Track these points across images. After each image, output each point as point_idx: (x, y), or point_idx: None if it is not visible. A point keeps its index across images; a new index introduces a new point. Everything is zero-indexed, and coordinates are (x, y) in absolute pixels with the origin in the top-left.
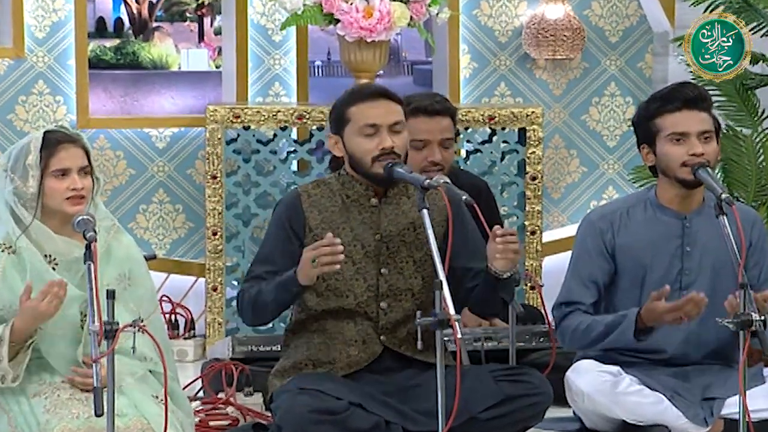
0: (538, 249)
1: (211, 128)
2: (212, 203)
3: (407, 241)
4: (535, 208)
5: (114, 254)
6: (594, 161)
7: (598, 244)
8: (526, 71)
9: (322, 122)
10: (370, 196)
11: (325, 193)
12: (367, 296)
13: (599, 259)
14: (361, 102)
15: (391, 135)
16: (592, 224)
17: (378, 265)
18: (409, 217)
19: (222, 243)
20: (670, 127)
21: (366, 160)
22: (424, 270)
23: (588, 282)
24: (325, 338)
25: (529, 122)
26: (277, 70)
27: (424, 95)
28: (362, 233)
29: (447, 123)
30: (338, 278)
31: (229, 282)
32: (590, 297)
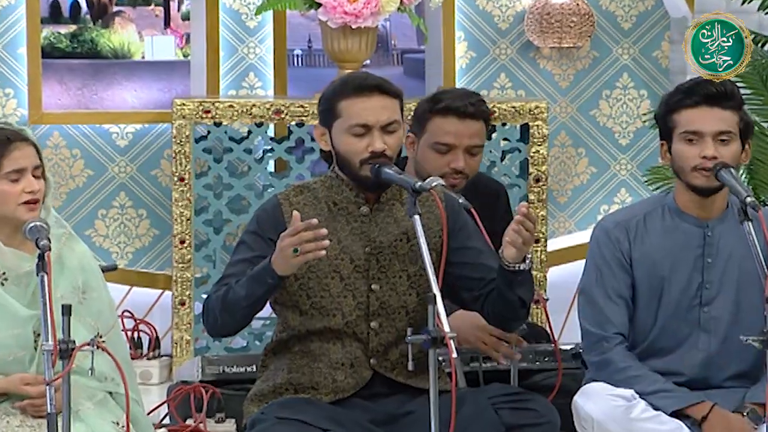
0: (542, 259)
1: (178, 124)
2: (180, 208)
3: (400, 254)
4: (538, 213)
5: (66, 264)
6: (604, 161)
7: (616, 255)
8: (529, 61)
9: (302, 117)
10: (360, 203)
11: (308, 200)
12: (356, 315)
13: (620, 272)
14: (354, 96)
15: (383, 135)
16: (607, 233)
17: (368, 280)
18: (401, 226)
19: (190, 252)
20: (685, 124)
21: (354, 161)
22: (419, 285)
23: (615, 297)
24: (308, 360)
25: (532, 118)
26: (252, 60)
27: (458, 93)
28: (350, 245)
29: (478, 128)
30: (324, 295)
31: (199, 296)
32: (621, 314)
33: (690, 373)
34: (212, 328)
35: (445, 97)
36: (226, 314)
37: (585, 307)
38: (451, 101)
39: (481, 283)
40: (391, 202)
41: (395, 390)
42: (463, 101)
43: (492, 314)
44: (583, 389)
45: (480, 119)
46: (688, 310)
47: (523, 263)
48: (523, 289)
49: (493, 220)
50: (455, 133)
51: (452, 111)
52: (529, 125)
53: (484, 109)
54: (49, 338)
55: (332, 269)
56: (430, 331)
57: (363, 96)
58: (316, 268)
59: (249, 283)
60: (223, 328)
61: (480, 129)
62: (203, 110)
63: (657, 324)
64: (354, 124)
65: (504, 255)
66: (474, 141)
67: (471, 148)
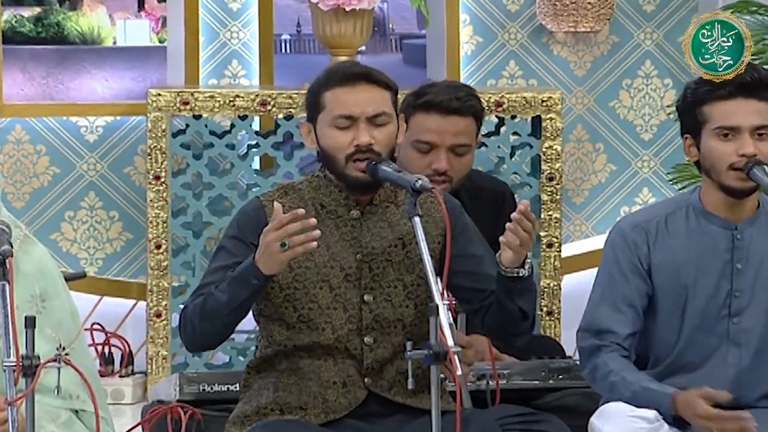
0: (556, 266)
1: (153, 117)
2: (155, 209)
3: (395, 261)
4: (552, 215)
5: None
6: (625, 157)
7: (632, 260)
8: (542, 47)
9: (290, 109)
10: (350, 206)
11: (294, 203)
12: (347, 329)
13: (635, 278)
14: (338, 86)
15: (370, 128)
16: (623, 236)
17: (360, 290)
18: (396, 230)
19: (167, 258)
20: (718, 119)
21: (339, 157)
22: (417, 296)
23: (623, 306)
24: (297, 378)
25: (545, 110)
26: (235, 46)
27: (443, 87)
28: (340, 252)
29: (464, 125)
30: (312, 307)
31: (176, 306)
32: (626, 325)
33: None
34: (190, 340)
35: (428, 91)
36: (205, 323)
37: (587, 315)
38: (433, 95)
39: (482, 294)
40: (384, 204)
41: (392, 410)
42: (447, 95)
43: (492, 328)
44: (601, 409)
45: (467, 115)
46: (716, 321)
47: (522, 268)
48: (524, 299)
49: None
50: (437, 131)
51: (435, 106)
52: (542, 118)
53: (472, 104)
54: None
55: (320, 279)
56: (432, 346)
57: (348, 85)
58: (303, 278)
59: (231, 286)
60: (202, 339)
61: (467, 126)
62: (181, 101)
63: (681, 337)
64: (337, 115)
65: (501, 259)
66: (459, 139)
67: (456, 148)
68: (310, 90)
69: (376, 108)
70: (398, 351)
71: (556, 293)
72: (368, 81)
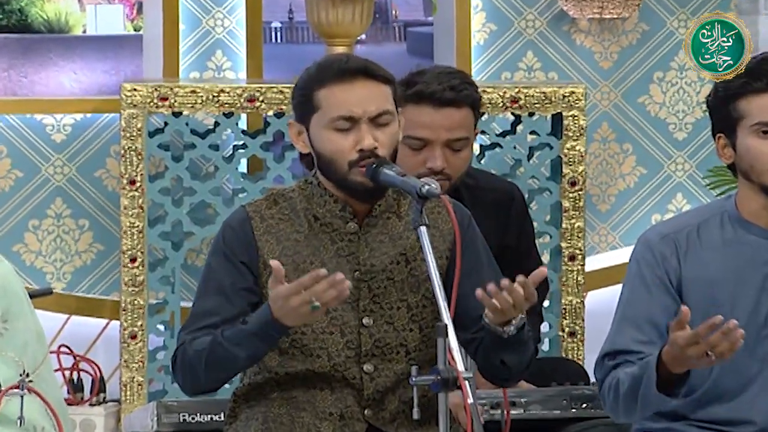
0: (578, 281)
1: (128, 114)
2: (130, 218)
3: (397, 279)
4: (574, 224)
5: None
6: (656, 160)
7: (658, 275)
8: (563, 36)
9: (281, 106)
10: (346, 217)
11: (284, 214)
12: (345, 356)
13: (660, 295)
14: (334, 82)
15: (373, 129)
16: (650, 247)
17: (358, 313)
18: (399, 245)
19: (143, 273)
20: (757, 114)
21: (340, 163)
22: (422, 318)
23: (644, 324)
24: (289, 409)
25: (566, 106)
26: (220, 35)
27: (435, 75)
28: (336, 270)
29: (460, 117)
30: (305, 331)
31: (153, 326)
32: (644, 345)
33: (763, 420)
34: (192, 388)
35: (418, 80)
36: (215, 374)
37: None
38: (424, 86)
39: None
40: (385, 215)
41: None
42: (439, 84)
43: (481, 368)
44: None
45: (463, 106)
46: (757, 342)
47: (508, 326)
48: (509, 354)
49: (504, 230)
50: (431, 125)
51: (426, 98)
52: (563, 115)
53: (467, 92)
54: None
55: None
56: (441, 371)
57: (345, 82)
58: None
59: (248, 341)
60: (208, 387)
61: (463, 118)
62: (159, 97)
63: None
64: (336, 116)
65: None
66: (455, 134)
67: (452, 143)
68: (300, 87)
69: (379, 106)
70: (401, 379)
71: (579, 312)
72: (367, 76)
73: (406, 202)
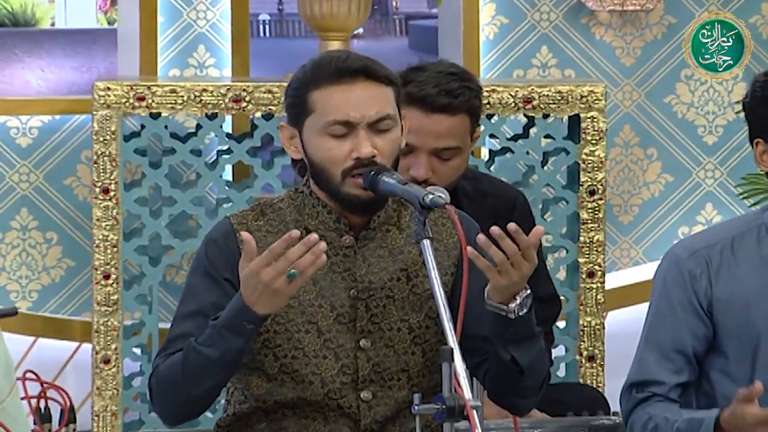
0: (598, 300)
1: (101, 116)
2: (103, 230)
3: (397, 298)
4: (594, 237)
5: None
6: (684, 166)
7: (687, 295)
8: (581, 30)
9: (270, 107)
10: (341, 230)
11: (273, 226)
12: (340, 382)
13: (688, 318)
14: (330, 83)
15: (372, 136)
16: (677, 264)
17: (355, 335)
18: (399, 260)
19: (118, 291)
20: None
21: (334, 172)
22: (425, 340)
23: (672, 352)
24: None
25: (585, 107)
26: (202, 29)
27: (433, 75)
28: (330, 287)
29: (450, 125)
30: (297, 355)
31: (129, 350)
32: (675, 375)
33: None
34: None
35: (414, 78)
36: (190, 387)
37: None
38: (418, 86)
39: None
40: (384, 227)
41: None
42: (435, 87)
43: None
44: None
45: (458, 113)
46: None
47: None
48: (520, 350)
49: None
50: (417, 131)
51: (417, 101)
52: (581, 117)
53: (464, 98)
54: None
55: (306, 320)
56: (446, 399)
57: (343, 83)
58: (285, 319)
59: (221, 337)
60: (187, 408)
61: (454, 126)
62: (135, 97)
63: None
64: (332, 120)
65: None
66: (443, 142)
67: (440, 152)
68: (293, 87)
69: (379, 111)
70: (402, 408)
71: (599, 334)
72: (367, 77)
73: (407, 213)
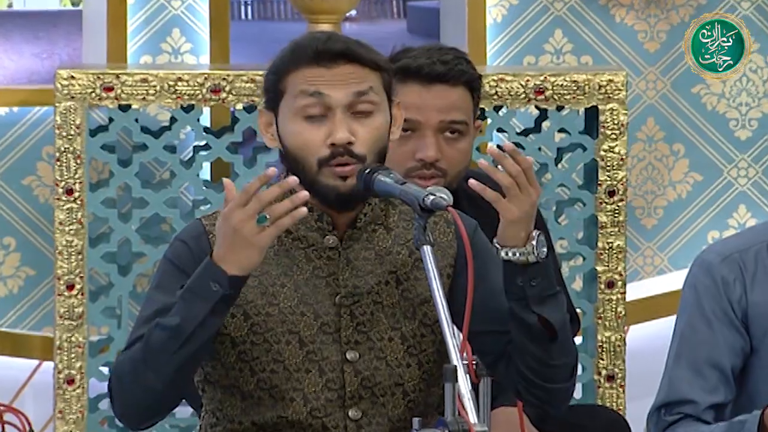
0: (618, 313)
1: (64, 108)
2: (66, 235)
3: (387, 304)
4: (613, 243)
5: None
6: (714, 163)
7: (720, 305)
8: (600, 12)
9: (253, 98)
10: (324, 230)
11: None
12: (325, 399)
13: (723, 330)
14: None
15: (350, 120)
16: (709, 271)
17: (341, 346)
18: (387, 262)
19: (83, 303)
20: None
21: (309, 161)
22: (421, 350)
23: (706, 368)
24: None
25: (603, 98)
26: (177, 10)
27: (423, 50)
28: (314, 294)
29: (456, 96)
30: (276, 369)
31: (95, 369)
32: (709, 394)
33: None
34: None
35: (403, 56)
36: (150, 371)
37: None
38: (411, 60)
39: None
40: (371, 227)
41: None
42: (428, 58)
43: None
44: None
45: (458, 84)
46: None
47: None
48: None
49: None
50: (419, 106)
51: (414, 74)
52: (599, 110)
53: (462, 68)
54: None
55: (287, 330)
56: (449, 423)
57: (321, 66)
58: (263, 328)
59: (182, 302)
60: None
61: (460, 98)
62: (102, 86)
63: None
64: (302, 94)
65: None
66: (450, 115)
67: (447, 126)
68: (271, 69)
69: (357, 91)
70: (397, 427)
71: (619, 351)
72: (349, 59)
73: (395, 212)
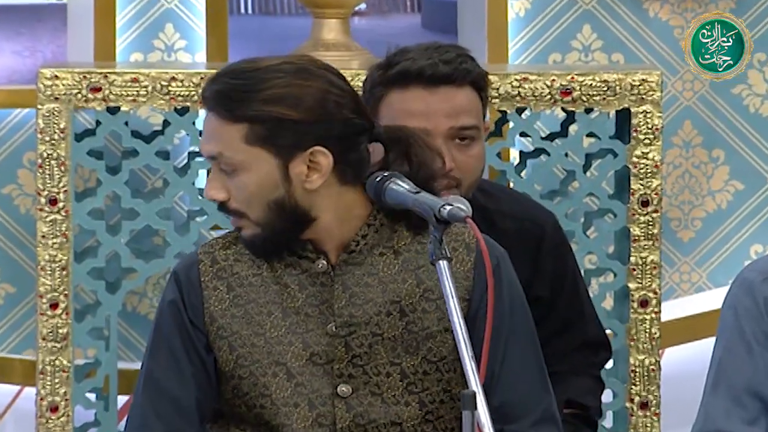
0: (653, 334)
1: (47, 110)
2: (50, 249)
3: (387, 336)
4: (647, 258)
5: None
6: (757, 171)
7: (762, 328)
8: (632, 5)
9: None
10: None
11: (242, 253)
12: None
13: (766, 355)
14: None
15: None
16: (750, 291)
17: (333, 379)
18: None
19: (68, 323)
20: None
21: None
22: (423, 389)
23: (745, 397)
24: None
25: (636, 99)
26: (171, 4)
27: (421, 50)
28: (303, 322)
29: (464, 98)
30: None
31: (80, 396)
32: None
33: None
34: None
35: (401, 58)
36: None
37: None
38: (410, 62)
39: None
40: (376, 250)
41: None
42: (429, 58)
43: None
44: None
45: (465, 84)
46: None
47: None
48: None
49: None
50: (425, 111)
51: (415, 77)
52: (632, 112)
53: (467, 67)
54: None
55: (274, 361)
56: None
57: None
58: (249, 360)
59: None
60: None
61: (468, 100)
62: (89, 87)
63: None
64: None
65: None
66: (460, 120)
67: (457, 133)
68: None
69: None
70: None
71: (653, 376)
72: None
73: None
